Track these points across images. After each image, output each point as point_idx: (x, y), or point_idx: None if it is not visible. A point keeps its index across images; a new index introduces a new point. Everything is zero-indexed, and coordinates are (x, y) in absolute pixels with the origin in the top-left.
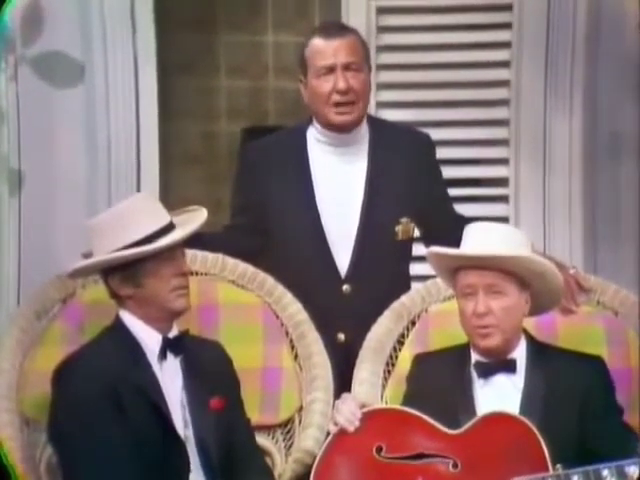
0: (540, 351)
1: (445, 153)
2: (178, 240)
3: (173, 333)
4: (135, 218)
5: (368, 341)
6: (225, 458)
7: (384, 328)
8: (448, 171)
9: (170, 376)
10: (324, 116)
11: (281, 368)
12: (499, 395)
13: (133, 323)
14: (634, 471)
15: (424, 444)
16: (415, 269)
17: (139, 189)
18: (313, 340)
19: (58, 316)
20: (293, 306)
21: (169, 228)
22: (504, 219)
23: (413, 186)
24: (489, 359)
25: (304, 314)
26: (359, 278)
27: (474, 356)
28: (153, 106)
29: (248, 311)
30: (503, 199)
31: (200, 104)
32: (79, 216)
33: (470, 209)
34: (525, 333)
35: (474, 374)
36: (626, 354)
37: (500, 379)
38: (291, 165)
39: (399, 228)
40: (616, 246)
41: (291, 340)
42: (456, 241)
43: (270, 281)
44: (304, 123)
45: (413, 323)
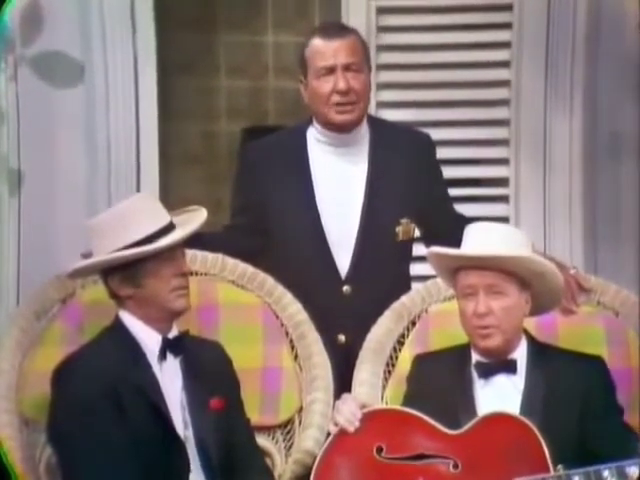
0: (540, 351)
1: (445, 153)
2: (178, 240)
3: (173, 333)
4: (135, 218)
5: (368, 342)
6: (225, 458)
7: (384, 328)
8: (448, 171)
9: (170, 376)
10: (324, 116)
11: (281, 368)
12: (499, 395)
13: (133, 323)
14: (634, 472)
15: (424, 444)
16: (415, 269)
17: (139, 189)
18: (313, 340)
19: (57, 316)
20: (293, 306)
21: (169, 228)
22: (504, 219)
23: (413, 186)
24: (489, 359)
25: (304, 314)
26: (359, 279)
27: (474, 356)
28: (153, 106)
29: (248, 311)
30: (503, 199)
31: (200, 104)
32: (79, 216)
33: (470, 209)
34: (526, 333)
35: (474, 374)
36: (626, 354)
37: (500, 379)
38: (291, 165)
39: (399, 229)
40: (616, 246)
41: (291, 340)
42: (456, 241)
43: (270, 281)
44: (304, 123)
45: (413, 323)
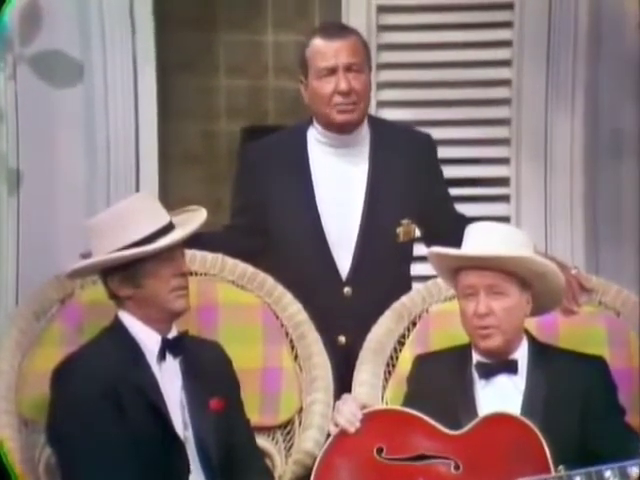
0: (541, 352)
1: (446, 152)
2: (178, 240)
3: (172, 334)
4: (134, 218)
5: (368, 342)
6: (225, 459)
7: (384, 328)
8: (449, 171)
9: (169, 377)
10: (326, 117)
11: (281, 369)
12: (500, 396)
13: (132, 324)
14: (636, 472)
15: (425, 445)
16: (416, 269)
17: (138, 189)
18: (313, 341)
19: (57, 317)
20: (293, 306)
21: (169, 228)
22: (505, 219)
23: (413, 186)
24: (490, 360)
25: (304, 314)
26: (360, 280)
27: (475, 357)
28: (152, 105)
29: (248, 311)
30: (504, 199)
31: (200, 104)
32: (78, 216)
33: (471, 209)
34: (526, 334)
35: (475, 375)
36: (628, 354)
37: (501, 380)
38: (291, 165)
39: (400, 230)
40: (618, 246)
41: (291, 341)
42: (457, 241)
43: (270, 281)
44: (304, 123)
45: (414, 324)
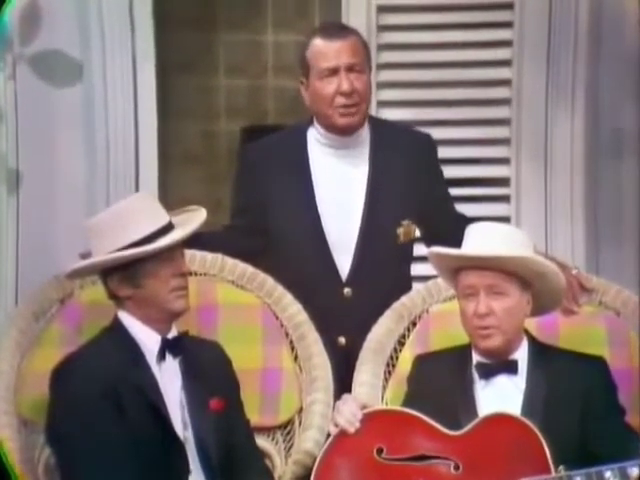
0: (542, 352)
1: (446, 152)
2: (177, 240)
3: (172, 334)
4: (134, 218)
5: (368, 342)
6: (225, 459)
7: (384, 329)
8: (449, 171)
9: (169, 377)
10: (327, 118)
11: (281, 369)
12: (500, 396)
13: (132, 324)
14: (636, 473)
15: (425, 445)
16: (416, 269)
17: (138, 189)
18: (313, 341)
19: (56, 317)
20: (293, 307)
21: (168, 228)
22: (505, 219)
23: (414, 186)
24: (490, 360)
25: (304, 315)
26: (360, 282)
27: (475, 357)
28: (152, 105)
29: (247, 312)
30: (504, 199)
31: (199, 103)
32: (78, 216)
33: (471, 209)
34: (527, 334)
35: (475, 375)
36: (628, 355)
37: (501, 380)
38: (291, 165)
39: (400, 230)
40: (618, 246)
41: (291, 341)
42: (457, 241)
43: (270, 282)
44: (304, 123)
45: (414, 324)
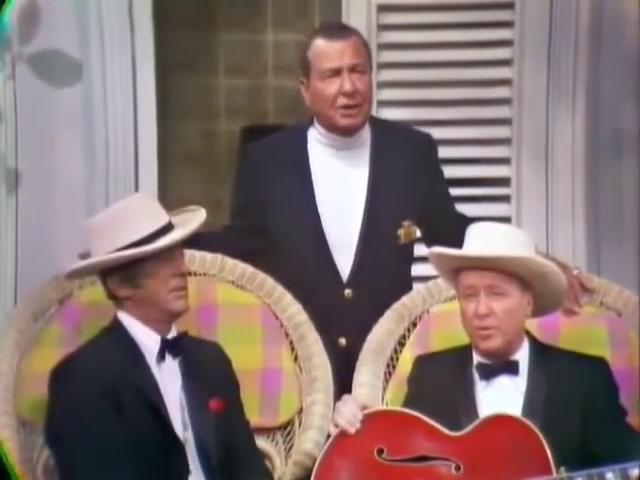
0: (543, 352)
1: (446, 152)
2: (177, 240)
3: (172, 334)
4: (133, 218)
5: (369, 342)
6: (224, 460)
7: (385, 329)
8: (449, 170)
9: (169, 377)
10: (329, 119)
11: (281, 369)
12: (501, 397)
13: (131, 324)
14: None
15: (426, 446)
16: (417, 270)
17: (137, 189)
18: (313, 341)
19: (55, 317)
20: (293, 307)
21: (168, 228)
22: (506, 219)
23: (414, 187)
24: (491, 360)
25: (304, 315)
26: (361, 283)
27: (476, 357)
28: (151, 105)
29: (247, 312)
30: (505, 199)
31: (199, 103)
32: (77, 216)
33: (472, 209)
34: (528, 334)
35: (476, 376)
36: (629, 355)
37: (502, 381)
38: (291, 166)
39: (401, 231)
40: (619, 246)
41: (291, 341)
42: (458, 241)
43: (270, 282)
44: (305, 123)
45: (414, 324)
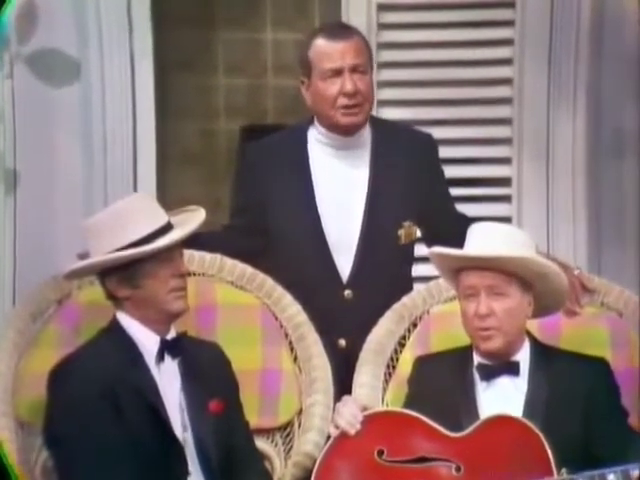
0: (544, 353)
1: (447, 152)
2: (176, 240)
3: (171, 335)
4: (132, 218)
5: (369, 343)
6: (224, 461)
7: (385, 330)
8: (450, 170)
9: (168, 378)
10: (330, 119)
11: (280, 370)
12: (502, 398)
13: (130, 324)
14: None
15: (426, 447)
16: (417, 270)
17: (136, 189)
18: (313, 342)
19: (54, 318)
20: (292, 307)
21: (167, 228)
22: (507, 219)
23: (415, 187)
24: (492, 361)
25: (303, 315)
26: (361, 283)
27: (476, 358)
28: (150, 104)
29: (247, 312)
30: (506, 199)
31: (198, 102)
32: (75, 216)
33: (472, 209)
34: (528, 335)
35: (476, 376)
36: (630, 356)
37: (503, 381)
38: (291, 165)
39: (402, 232)
40: (620, 246)
41: (290, 342)
42: (458, 241)
43: (269, 282)
44: (305, 123)
45: (414, 325)
